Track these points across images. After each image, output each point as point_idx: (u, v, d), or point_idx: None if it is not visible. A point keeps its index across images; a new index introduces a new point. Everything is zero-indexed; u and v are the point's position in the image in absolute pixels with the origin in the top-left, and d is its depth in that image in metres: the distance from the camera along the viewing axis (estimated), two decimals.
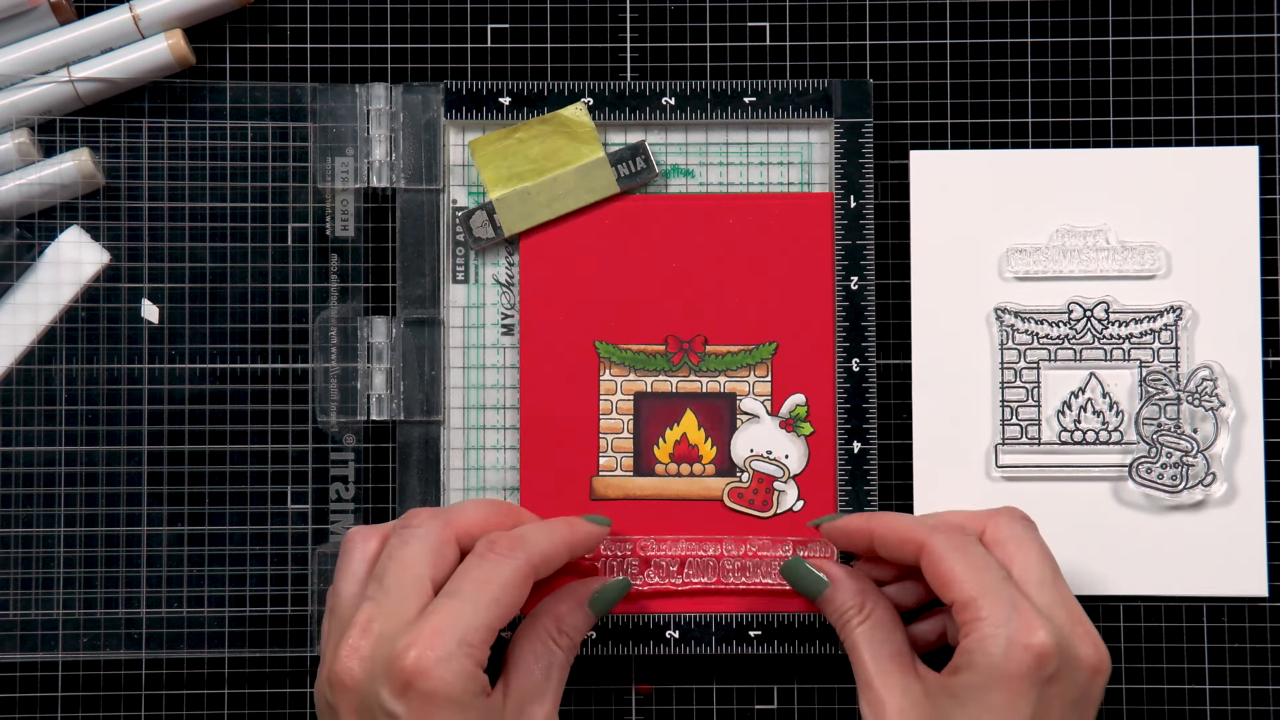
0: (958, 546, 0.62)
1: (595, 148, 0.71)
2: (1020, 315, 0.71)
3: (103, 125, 0.71)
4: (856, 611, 0.65)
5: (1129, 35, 0.72)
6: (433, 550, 0.62)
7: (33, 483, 0.70)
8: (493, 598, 0.60)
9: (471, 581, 0.61)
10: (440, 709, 0.58)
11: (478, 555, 0.62)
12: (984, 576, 0.61)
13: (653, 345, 0.71)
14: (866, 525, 0.66)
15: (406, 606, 0.61)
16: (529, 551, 0.62)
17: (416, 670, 0.58)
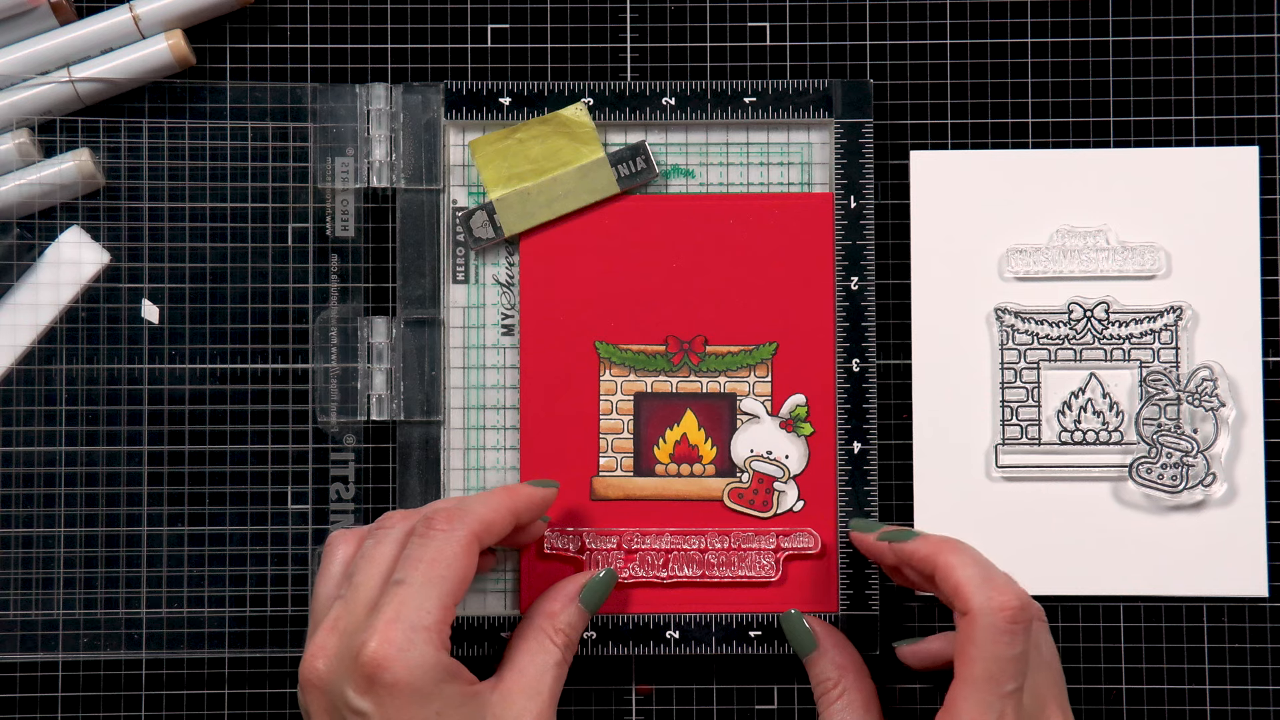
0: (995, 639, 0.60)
1: (595, 148, 0.71)
2: (1020, 315, 0.71)
3: (103, 125, 0.71)
4: (833, 685, 0.66)
5: (1129, 35, 0.72)
6: (399, 549, 0.62)
7: (33, 483, 0.70)
8: (438, 575, 0.60)
9: (414, 564, 0.61)
10: (406, 700, 0.58)
11: (418, 535, 0.62)
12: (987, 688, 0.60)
13: (653, 345, 0.71)
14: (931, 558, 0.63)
15: (370, 602, 0.61)
16: (468, 521, 0.62)
17: (375, 664, 0.58)
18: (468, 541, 0.62)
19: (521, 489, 0.66)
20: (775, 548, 0.70)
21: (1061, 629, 0.71)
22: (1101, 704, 0.71)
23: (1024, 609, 0.59)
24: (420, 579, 0.60)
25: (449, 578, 0.60)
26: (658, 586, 0.71)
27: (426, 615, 0.59)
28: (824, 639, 0.67)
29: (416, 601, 0.59)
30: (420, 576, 0.60)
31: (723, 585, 0.70)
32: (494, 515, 0.63)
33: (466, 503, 0.63)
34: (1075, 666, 0.71)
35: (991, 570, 0.61)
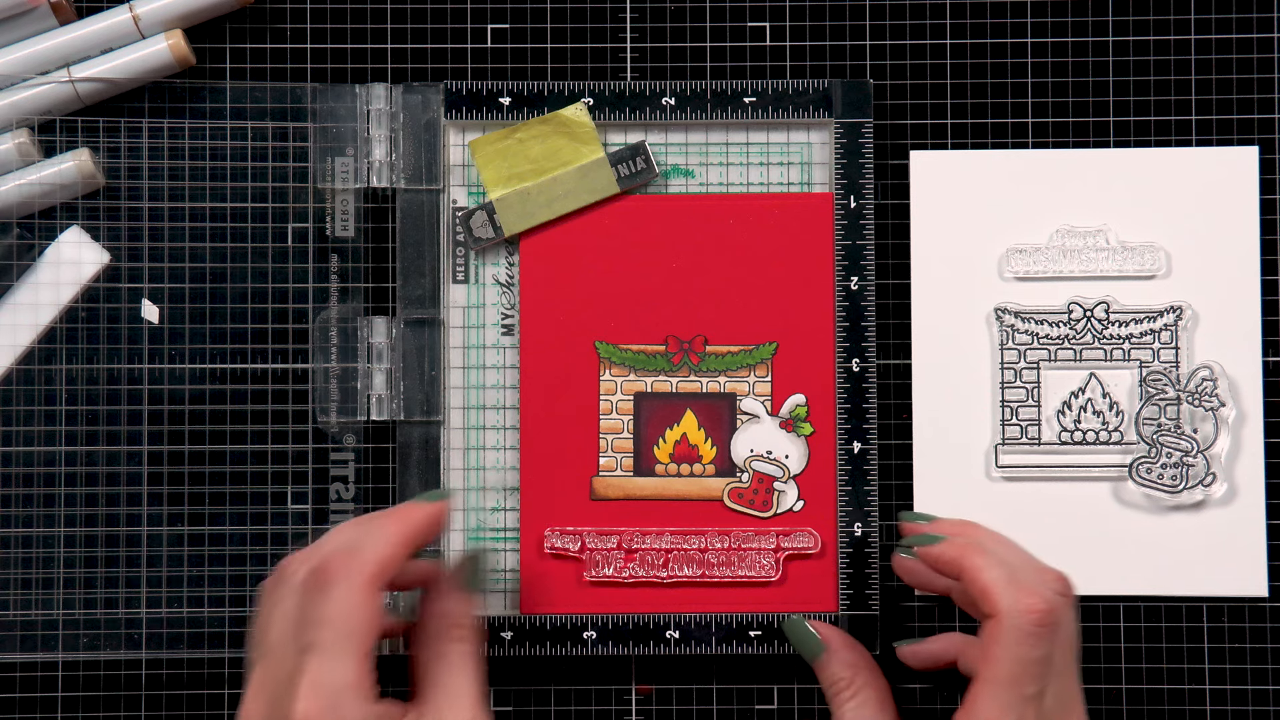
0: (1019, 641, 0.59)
1: (595, 148, 0.71)
2: (1020, 315, 0.71)
3: (103, 125, 0.71)
4: (846, 685, 0.66)
5: (1129, 35, 0.72)
6: (299, 600, 0.59)
7: (33, 483, 0.70)
8: (344, 634, 0.57)
9: (317, 625, 0.57)
10: None
11: (313, 590, 0.58)
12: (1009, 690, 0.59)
13: (653, 345, 0.71)
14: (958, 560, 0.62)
15: (285, 665, 0.58)
16: (362, 566, 0.58)
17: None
18: (366, 589, 0.58)
19: (411, 509, 0.62)
20: (775, 547, 0.70)
21: None
22: (1102, 704, 0.71)
23: (1050, 612, 0.58)
24: (328, 641, 0.57)
25: (356, 633, 0.57)
26: (658, 586, 0.71)
27: (344, 675, 0.57)
28: (832, 639, 0.67)
29: (330, 665, 0.57)
30: (328, 638, 0.57)
31: (723, 585, 0.70)
32: (388, 550, 0.60)
33: (359, 542, 0.60)
34: None
35: (1018, 570, 0.60)
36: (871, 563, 0.70)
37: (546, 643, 0.70)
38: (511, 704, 0.71)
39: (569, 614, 0.70)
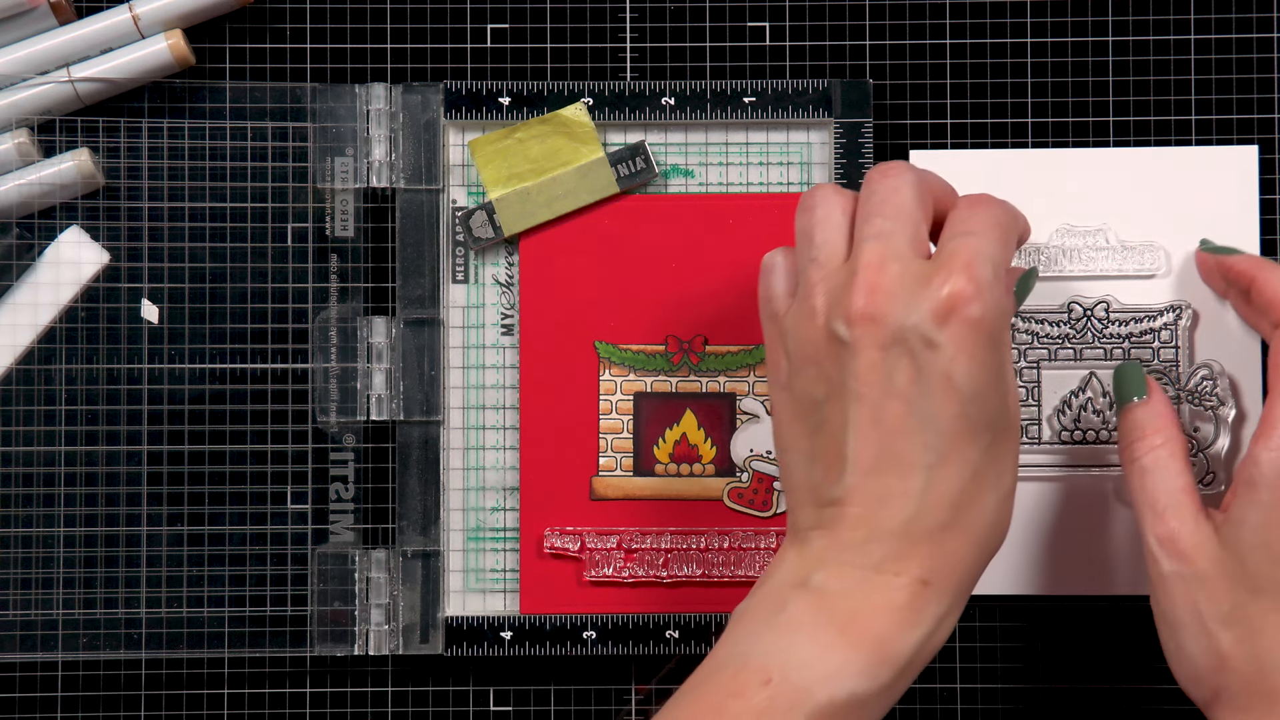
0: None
1: (595, 148, 0.71)
2: (1020, 314, 0.71)
3: (103, 125, 0.71)
4: (1159, 431, 0.63)
5: (1129, 35, 0.72)
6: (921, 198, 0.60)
7: (33, 483, 0.70)
8: (1004, 235, 0.58)
9: (981, 223, 0.58)
10: (983, 339, 0.56)
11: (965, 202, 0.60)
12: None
13: (653, 345, 0.71)
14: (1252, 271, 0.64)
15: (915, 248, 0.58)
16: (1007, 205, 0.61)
17: (959, 298, 0.56)
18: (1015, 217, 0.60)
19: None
20: (775, 547, 0.70)
21: (1061, 628, 0.71)
22: (1102, 704, 0.71)
23: None
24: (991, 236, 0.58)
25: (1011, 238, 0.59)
26: (658, 586, 0.71)
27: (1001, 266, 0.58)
28: (1154, 388, 0.65)
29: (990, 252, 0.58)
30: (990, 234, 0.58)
31: (723, 585, 0.70)
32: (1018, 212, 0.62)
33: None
34: (1076, 666, 0.71)
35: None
36: None
37: (546, 643, 0.70)
38: (511, 704, 0.71)
39: (569, 614, 0.70)
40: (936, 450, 0.57)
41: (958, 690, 0.71)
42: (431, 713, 0.71)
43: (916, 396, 0.57)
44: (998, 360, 0.57)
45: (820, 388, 0.58)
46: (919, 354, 0.56)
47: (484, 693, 0.71)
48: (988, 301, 0.56)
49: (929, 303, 0.56)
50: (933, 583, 0.57)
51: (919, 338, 0.56)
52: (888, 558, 0.57)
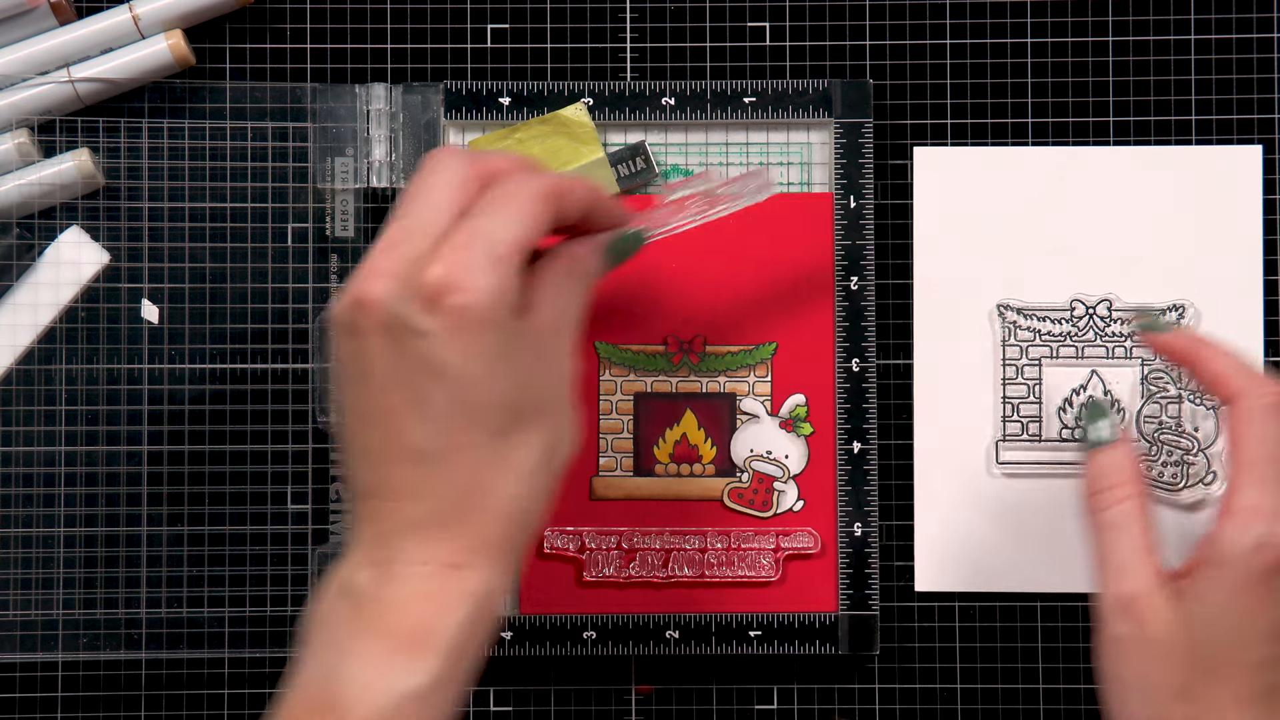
0: (1265, 419, 0.58)
1: (595, 148, 0.71)
2: (1022, 312, 0.71)
3: (103, 125, 0.71)
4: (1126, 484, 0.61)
5: (1129, 35, 0.72)
6: (459, 180, 0.58)
7: (33, 483, 0.70)
8: (517, 212, 0.57)
9: (493, 201, 0.57)
10: (473, 324, 0.55)
11: (497, 181, 0.59)
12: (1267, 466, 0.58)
13: (653, 345, 0.71)
14: (1192, 351, 0.62)
15: (431, 230, 0.57)
16: (548, 175, 0.59)
17: (446, 283, 0.55)
18: (548, 188, 0.58)
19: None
20: (775, 548, 0.70)
21: (1061, 627, 0.71)
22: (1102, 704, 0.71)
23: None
24: (498, 212, 0.57)
25: (527, 216, 0.57)
26: (657, 586, 0.70)
27: (501, 246, 0.56)
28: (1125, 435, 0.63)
29: (493, 231, 0.56)
30: (499, 210, 0.57)
31: (722, 585, 0.70)
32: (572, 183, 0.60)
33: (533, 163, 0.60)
34: (1075, 666, 0.71)
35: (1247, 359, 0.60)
36: (871, 563, 0.70)
37: (546, 643, 0.70)
38: (511, 704, 0.71)
39: (569, 614, 0.70)
40: (439, 438, 0.56)
41: (958, 690, 0.71)
42: None
43: (416, 384, 0.56)
44: (498, 342, 0.56)
45: (344, 373, 0.58)
46: (410, 341, 0.55)
47: (484, 693, 0.71)
48: (474, 287, 0.55)
49: (417, 289, 0.55)
50: (462, 565, 0.56)
51: (409, 326, 0.55)
52: (409, 548, 0.56)
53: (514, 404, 0.57)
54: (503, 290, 0.55)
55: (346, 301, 0.57)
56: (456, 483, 0.56)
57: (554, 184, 0.59)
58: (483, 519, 0.57)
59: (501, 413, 0.56)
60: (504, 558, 0.57)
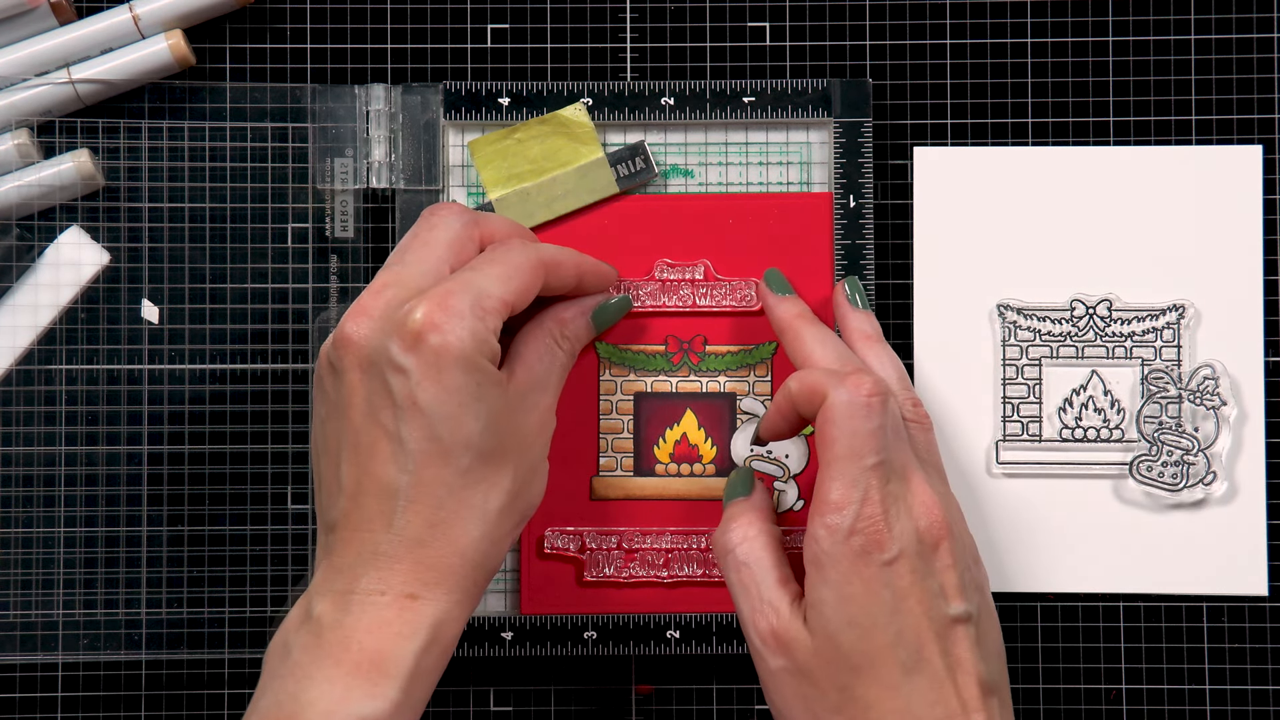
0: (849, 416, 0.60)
1: (594, 148, 0.71)
2: (1022, 312, 0.71)
3: (102, 126, 0.71)
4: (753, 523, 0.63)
5: (1129, 35, 0.72)
6: (456, 239, 0.63)
7: (33, 483, 0.70)
8: (506, 273, 0.61)
9: (486, 261, 0.61)
10: (450, 365, 0.58)
11: (494, 244, 0.63)
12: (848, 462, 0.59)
13: (652, 345, 0.71)
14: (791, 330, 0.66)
15: (422, 280, 0.61)
16: (541, 247, 0.64)
17: (427, 325, 0.58)
18: (538, 260, 0.63)
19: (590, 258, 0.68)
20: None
21: (1061, 628, 0.71)
22: (1102, 704, 0.71)
23: (877, 383, 0.60)
24: (487, 270, 0.61)
25: (515, 279, 0.61)
26: (658, 586, 0.70)
27: (487, 299, 0.60)
28: (759, 488, 0.65)
29: (480, 285, 0.60)
30: (488, 268, 0.61)
31: (723, 585, 0.70)
32: (563, 256, 0.65)
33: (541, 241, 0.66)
34: (1075, 666, 0.71)
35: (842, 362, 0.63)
36: None
37: (546, 643, 0.70)
38: (511, 704, 0.71)
39: (569, 614, 0.70)
40: (410, 471, 0.58)
41: None
42: (432, 713, 0.71)
43: (390, 419, 0.59)
44: (473, 385, 0.59)
45: (323, 407, 0.61)
46: (389, 377, 0.58)
47: (484, 693, 0.71)
48: (455, 330, 0.58)
49: (398, 328, 0.58)
50: (420, 595, 0.59)
51: (389, 362, 0.58)
52: (370, 578, 0.58)
53: (484, 447, 0.59)
54: (482, 337, 0.59)
55: (332, 340, 0.60)
56: (420, 517, 0.59)
57: (548, 255, 0.63)
58: (442, 553, 0.59)
59: (471, 454, 0.59)
60: (462, 591, 0.60)
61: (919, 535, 0.59)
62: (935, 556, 0.59)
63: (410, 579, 0.59)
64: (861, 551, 0.58)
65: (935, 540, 0.59)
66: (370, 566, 0.59)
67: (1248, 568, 0.70)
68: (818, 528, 0.59)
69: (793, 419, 0.63)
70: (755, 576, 0.61)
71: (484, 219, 0.64)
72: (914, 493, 0.60)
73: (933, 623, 0.58)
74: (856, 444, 0.59)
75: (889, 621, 0.58)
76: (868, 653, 0.58)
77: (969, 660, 0.58)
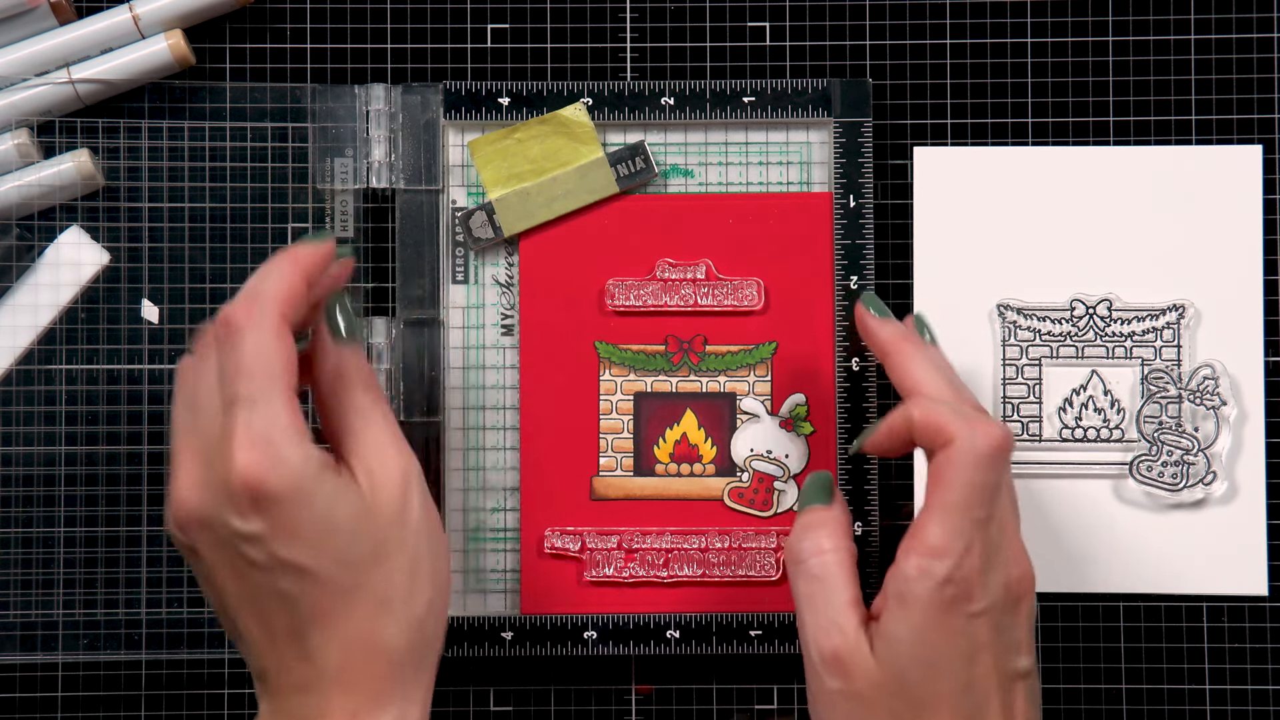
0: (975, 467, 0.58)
1: (594, 148, 0.71)
2: (1023, 312, 0.71)
3: (102, 126, 0.71)
4: (831, 536, 0.61)
5: (1129, 35, 0.72)
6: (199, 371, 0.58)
7: (33, 483, 0.70)
8: (266, 378, 0.56)
9: (236, 376, 0.56)
10: (294, 507, 0.55)
11: (222, 342, 0.57)
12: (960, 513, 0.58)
13: (652, 345, 0.71)
14: (900, 356, 0.63)
15: (212, 425, 0.57)
16: (264, 307, 0.57)
17: (250, 481, 0.55)
18: (275, 330, 0.56)
19: (297, 248, 0.59)
20: (775, 547, 0.70)
21: (1061, 627, 0.71)
22: (1101, 704, 0.71)
23: (1006, 437, 0.59)
24: (253, 389, 0.55)
25: (277, 375, 0.55)
26: (658, 586, 0.70)
27: (275, 419, 0.55)
28: (839, 499, 0.63)
29: (260, 413, 0.55)
30: (251, 387, 0.55)
31: (723, 585, 0.70)
32: (286, 286, 0.57)
33: (255, 289, 0.57)
34: (1075, 666, 0.71)
35: (955, 393, 0.61)
36: (872, 562, 0.70)
37: (546, 643, 0.70)
38: (511, 704, 0.71)
39: (569, 614, 0.70)
40: (305, 615, 0.56)
41: None
42: (432, 713, 0.71)
43: (266, 581, 0.56)
44: (324, 504, 0.56)
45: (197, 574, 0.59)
46: (245, 546, 0.56)
47: (484, 693, 0.71)
48: (281, 471, 0.55)
49: (228, 494, 0.55)
50: (360, 712, 0.57)
51: (236, 534, 0.56)
52: (310, 707, 0.57)
53: (359, 551, 0.57)
54: (302, 459, 0.55)
55: (173, 523, 0.57)
56: (333, 644, 0.57)
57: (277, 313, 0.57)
58: (369, 667, 0.57)
59: (352, 565, 0.57)
60: (404, 688, 0.58)
61: (1007, 589, 0.59)
62: (1017, 611, 0.59)
63: (350, 699, 0.57)
64: (951, 601, 0.57)
65: (1019, 596, 0.59)
66: (307, 696, 0.57)
67: (1248, 568, 0.70)
68: (911, 566, 0.58)
69: (905, 443, 0.61)
70: (826, 593, 0.60)
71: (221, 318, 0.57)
72: (1009, 545, 0.59)
73: (1001, 677, 0.58)
74: (973, 497, 0.58)
75: (961, 669, 0.57)
76: (933, 694, 0.57)
77: (1024, 713, 0.59)
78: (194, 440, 0.57)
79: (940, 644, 0.57)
